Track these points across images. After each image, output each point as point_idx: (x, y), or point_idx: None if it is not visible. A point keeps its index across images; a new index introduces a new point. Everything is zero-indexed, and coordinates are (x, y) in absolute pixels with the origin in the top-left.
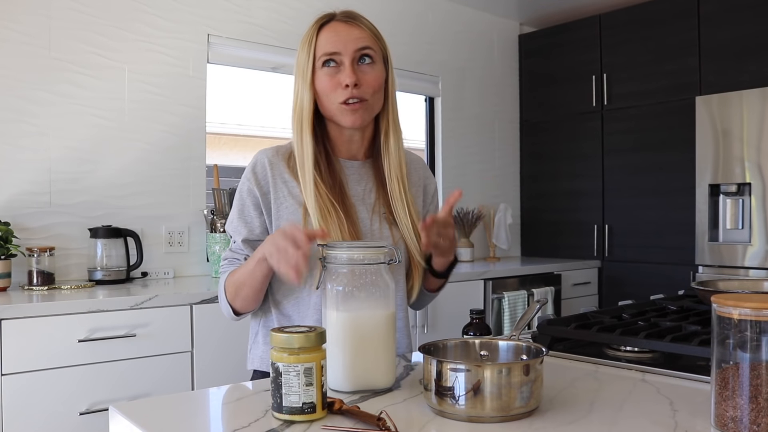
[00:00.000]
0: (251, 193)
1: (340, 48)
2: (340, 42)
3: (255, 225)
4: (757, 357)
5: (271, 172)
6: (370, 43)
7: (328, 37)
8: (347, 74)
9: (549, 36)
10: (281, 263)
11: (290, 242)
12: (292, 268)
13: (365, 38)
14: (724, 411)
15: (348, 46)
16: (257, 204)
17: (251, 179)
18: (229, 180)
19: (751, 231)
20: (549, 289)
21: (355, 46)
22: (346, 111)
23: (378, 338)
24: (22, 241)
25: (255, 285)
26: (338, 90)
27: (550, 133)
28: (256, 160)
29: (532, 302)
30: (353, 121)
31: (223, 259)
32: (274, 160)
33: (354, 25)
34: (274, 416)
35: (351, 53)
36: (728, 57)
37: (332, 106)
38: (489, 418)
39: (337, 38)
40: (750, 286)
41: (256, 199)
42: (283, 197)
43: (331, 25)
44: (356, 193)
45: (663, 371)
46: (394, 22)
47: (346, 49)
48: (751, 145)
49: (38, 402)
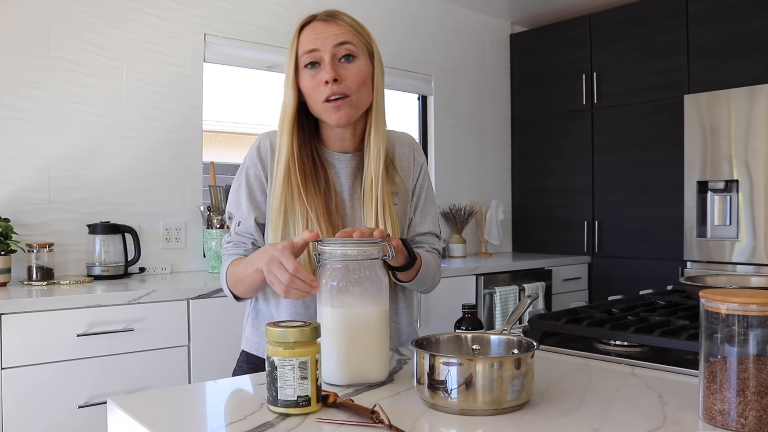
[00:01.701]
0: (258, 178)
1: (319, 45)
2: (318, 39)
3: (264, 208)
4: (745, 351)
5: (270, 159)
6: (349, 38)
7: (307, 36)
8: (327, 70)
9: (540, 35)
10: (275, 286)
11: (279, 268)
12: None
13: (344, 34)
14: (712, 404)
15: (326, 42)
16: (263, 189)
17: (257, 164)
18: (225, 177)
19: (738, 227)
20: (540, 285)
21: (334, 41)
22: (330, 109)
23: (372, 333)
24: (21, 237)
25: (253, 286)
26: (320, 88)
27: (541, 131)
28: (260, 143)
29: (523, 297)
30: (338, 118)
31: (227, 242)
32: (276, 146)
33: (333, 23)
34: (270, 409)
35: (330, 50)
36: (716, 56)
37: (317, 106)
38: (481, 411)
39: (316, 36)
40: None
41: (262, 184)
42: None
43: (311, 25)
44: (345, 187)
45: (652, 365)
46: (387, 22)
47: (325, 46)
48: (739, 143)
49: (38, 395)
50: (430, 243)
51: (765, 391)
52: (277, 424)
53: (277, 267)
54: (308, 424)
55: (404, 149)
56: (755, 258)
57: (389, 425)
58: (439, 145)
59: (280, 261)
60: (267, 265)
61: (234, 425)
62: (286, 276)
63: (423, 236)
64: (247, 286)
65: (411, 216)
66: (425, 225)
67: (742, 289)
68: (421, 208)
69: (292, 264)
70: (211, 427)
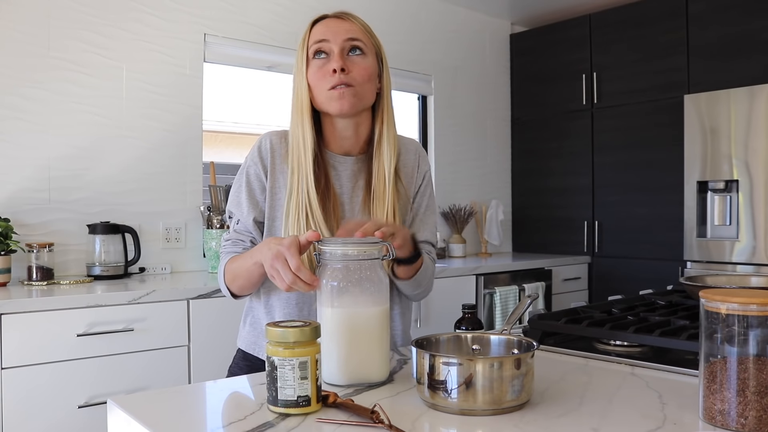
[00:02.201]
0: (258, 178)
1: (329, 36)
2: (329, 32)
3: (264, 207)
4: (745, 351)
5: (271, 159)
6: (359, 35)
7: (318, 29)
8: (335, 60)
9: (540, 35)
10: (277, 281)
11: (283, 265)
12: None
13: (354, 30)
14: (712, 404)
15: (337, 35)
16: (263, 188)
17: (258, 163)
18: (225, 177)
19: (738, 227)
20: (540, 285)
21: (344, 36)
22: (333, 96)
23: (372, 333)
24: (21, 237)
25: (252, 280)
26: (327, 77)
27: (541, 131)
28: (261, 143)
29: (523, 297)
30: (341, 106)
31: (226, 240)
32: (276, 146)
33: (345, 20)
34: (270, 409)
35: (340, 42)
36: (716, 56)
37: (321, 95)
38: (481, 411)
39: (327, 29)
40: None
41: (262, 183)
42: (278, 188)
43: (323, 21)
44: (345, 189)
45: (652, 365)
46: (388, 22)
47: (336, 38)
48: (739, 143)
49: (38, 395)
50: (426, 251)
51: (765, 391)
52: (277, 424)
53: (281, 263)
54: (308, 424)
55: (410, 156)
56: (755, 258)
57: (389, 425)
58: (439, 145)
59: (286, 257)
60: (272, 259)
61: (234, 425)
62: (289, 275)
63: (420, 244)
64: (245, 281)
65: (409, 224)
66: (423, 234)
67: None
68: (420, 216)
69: (296, 262)
70: (211, 427)
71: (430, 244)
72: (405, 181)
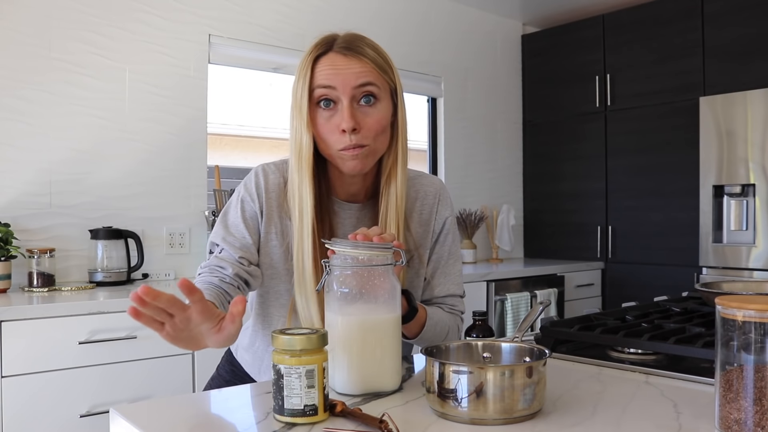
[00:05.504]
0: (254, 219)
1: (337, 83)
2: (337, 77)
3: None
4: (762, 359)
5: (266, 203)
6: (372, 77)
7: (324, 69)
8: (345, 118)
9: (552, 36)
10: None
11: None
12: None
13: (366, 73)
14: (728, 413)
15: (346, 82)
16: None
17: (255, 200)
18: (230, 181)
19: (755, 232)
20: (552, 291)
21: (354, 83)
22: (346, 157)
23: (384, 341)
24: (22, 242)
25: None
26: (336, 134)
27: (554, 134)
28: (257, 183)
29: (535, 304)
30: (353, 167)
31: (202, 267)
32: (273, 186)
33: (353, 57)
34: (276, 418)
35: (349, 92)
36: (732, 57)
37: (331, 151)
38: (492, 420)
39: (334, 72)
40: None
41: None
42: (273, 234)
43: (329, 57)
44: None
45: (667, 373)
46: (396, 22)
47: (344, 87)
48: (756, 146)
49: (39, 404)
50: (450, 305)
51: None
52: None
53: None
54: None
55: (428, 200)
56: None
57: None
58: (449, 148)
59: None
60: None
61: None
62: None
63: (443, 299)
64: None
65: (427, 277)
66: (446, 287)
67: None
68: (442, 269)
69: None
70: None
71: (455, 297)
72: (420, 228)
